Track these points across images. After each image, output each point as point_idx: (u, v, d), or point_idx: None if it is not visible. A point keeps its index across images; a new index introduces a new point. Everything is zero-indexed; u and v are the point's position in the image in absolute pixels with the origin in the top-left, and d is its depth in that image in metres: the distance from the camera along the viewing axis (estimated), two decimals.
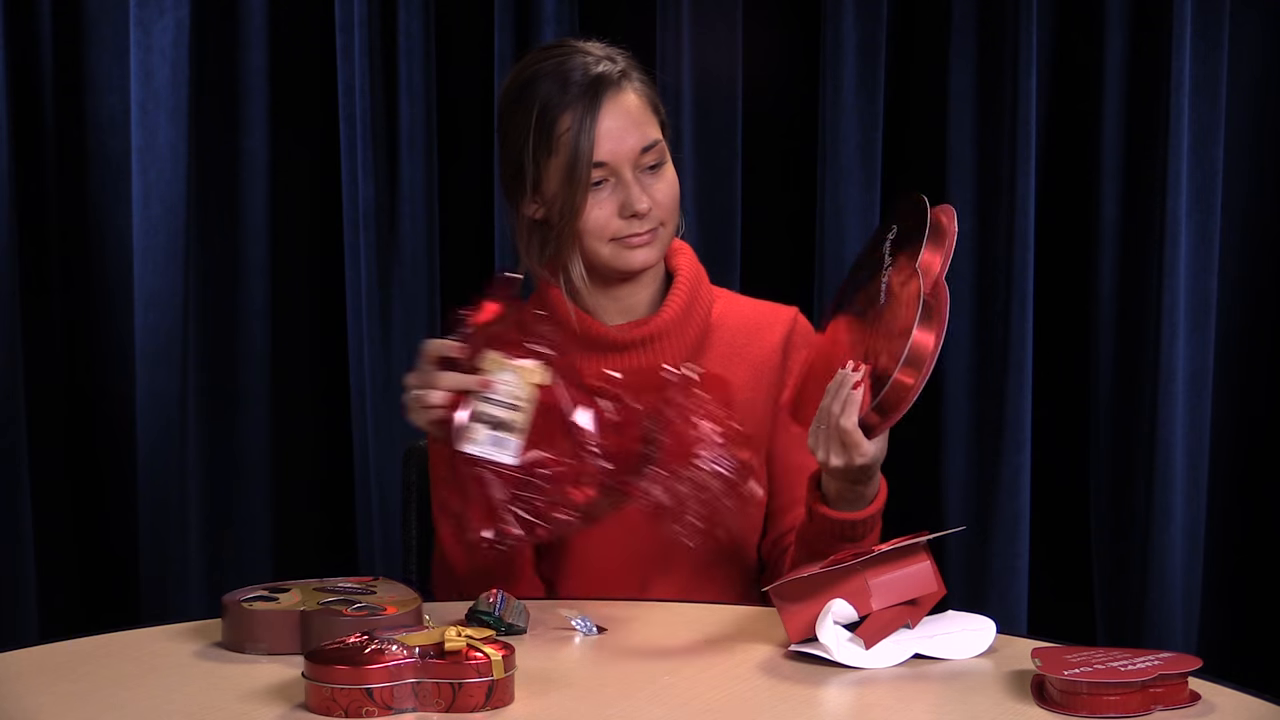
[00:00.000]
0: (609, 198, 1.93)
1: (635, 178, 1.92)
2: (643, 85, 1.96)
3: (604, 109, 1.91)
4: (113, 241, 2.94)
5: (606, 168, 1.91)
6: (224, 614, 1.67)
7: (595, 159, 1.91)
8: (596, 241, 1.94)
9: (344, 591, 1.69)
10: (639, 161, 1.93)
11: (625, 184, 1.92)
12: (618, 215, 1.93)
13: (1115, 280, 2.85)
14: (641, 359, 1.96)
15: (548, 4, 2.86)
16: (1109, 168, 2.84)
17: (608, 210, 1.93)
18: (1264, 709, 1.47)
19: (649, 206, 1.92)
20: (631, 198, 1.92)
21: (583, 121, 1.90)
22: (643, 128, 1.93)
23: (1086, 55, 2.85)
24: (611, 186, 1.93)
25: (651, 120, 1.95)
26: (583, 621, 1.72)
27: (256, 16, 2.92)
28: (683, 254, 2.04)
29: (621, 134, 1.92)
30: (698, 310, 2.00)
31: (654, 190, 1.94)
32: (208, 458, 2.95)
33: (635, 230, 1.93)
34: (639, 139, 1.92)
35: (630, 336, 1.97)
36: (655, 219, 1.94)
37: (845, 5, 2.84)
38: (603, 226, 1.93)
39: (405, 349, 2.94)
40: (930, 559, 1.66)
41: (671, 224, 1.97)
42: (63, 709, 1.50)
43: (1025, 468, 2.85)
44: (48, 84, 2.91)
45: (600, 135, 1.91)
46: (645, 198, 1.92)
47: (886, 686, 1.53)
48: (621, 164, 1.92)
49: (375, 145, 2.90)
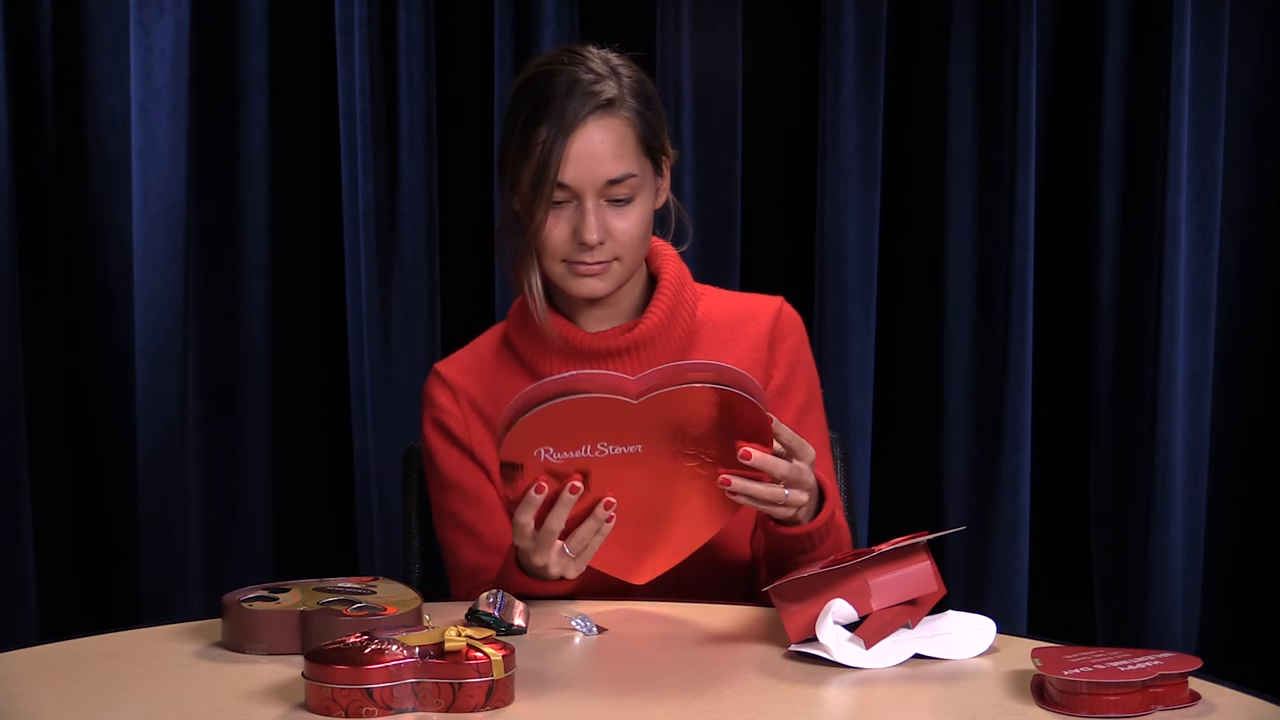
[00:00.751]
0: (568, 219, 1.89)
1: (595, 207, 1.87)
2: (636, 115, 1.90)
3: (581, 131, 1.86)
4: (113, 241, 2.94)
5: (569, 190, 1.87)
6: (224, 614, 1.67)
7: (560, 179, 1.86)
8: (549, 259, 1.90)
9: (344, 591, 1.69)
10: (605, 192, 1.88)
11: (584, 211, 1.87)
12: (571, 238, 1.89)
13: (1115, 280, 2.85)
14: (625, 367, 1.94)
15: (548, 4, 2.86)
16: (1109, 168, 2.84)
17: (563, 231, 1.89)
18: (1264, 709, 1.47)
19: (599, 240, 1.87)
20: (584, 227, 1.87)
21: (555, 139, 1.86)
22: (618, 159, 1.88)
23: (1086, 55, 2.85)
24: (572, 209, 1.88)
25: (631, 153, 1.89)
26: (583, 621, 1.72)
27: (256, 16, 2.92)
28: (665, 256, 2.01)
29: (592, 161, 1.87)
30: (682, 313, 1.98)
31: (614, 224, 1.89)
32: (208, 458, 2.95)
33: (583, 259, 1.89)
34: (609, 170, 1.87)
35: (614, 344, 1.94)
36: (609, 252, 1.89)
37: (845, 5, 2.84)
38: (556, 246, 1.89)
39: (405, 349, 2.94)
40: (930, 559, 1.66)
41: (630, 259, 1.91)
42: (63, 709, 1.50)
43: (1025, 468, 2.85)
44: (48, 84, 2.91)
45: (570, 157, 1.86)
46: (597, 230, 1.87)
47: (886, 686, 1.53)
48: (584, 190, 1.87)
49: (375, 145, 2.90)
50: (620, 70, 1.91)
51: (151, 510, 2.92)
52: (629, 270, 1.92)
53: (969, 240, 2.88)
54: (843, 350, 2.87)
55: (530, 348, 1.97)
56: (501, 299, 2.91)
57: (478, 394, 1.98)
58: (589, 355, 1.95)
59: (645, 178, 1.91)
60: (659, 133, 1.93)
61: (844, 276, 2.87)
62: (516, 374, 1.97)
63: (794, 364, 2.00)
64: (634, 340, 1.95)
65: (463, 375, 2.00)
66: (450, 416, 1.98)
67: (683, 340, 1.97)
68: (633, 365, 1.94)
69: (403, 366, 2.94)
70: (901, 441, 2.94)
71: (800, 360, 2.01)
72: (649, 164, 1.92)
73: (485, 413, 1.97)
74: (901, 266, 2.93)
